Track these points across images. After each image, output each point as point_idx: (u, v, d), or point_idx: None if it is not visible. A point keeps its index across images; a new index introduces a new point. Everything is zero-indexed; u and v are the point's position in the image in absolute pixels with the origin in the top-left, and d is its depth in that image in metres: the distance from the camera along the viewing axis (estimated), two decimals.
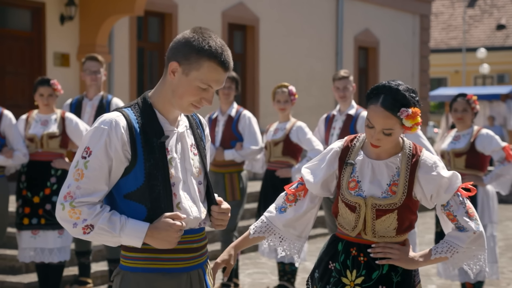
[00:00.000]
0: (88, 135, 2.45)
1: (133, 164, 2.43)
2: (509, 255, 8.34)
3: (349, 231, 2.89)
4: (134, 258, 2.49)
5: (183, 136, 2.55)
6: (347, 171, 2.87)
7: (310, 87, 14.55)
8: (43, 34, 10.24)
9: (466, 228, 2.80)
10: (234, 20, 13.13)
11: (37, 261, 5.83)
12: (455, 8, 34.90)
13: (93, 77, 6.15)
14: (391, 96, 2.74)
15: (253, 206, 9.14)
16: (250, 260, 8.05)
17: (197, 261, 2.56)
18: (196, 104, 2.46)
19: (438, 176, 2.80)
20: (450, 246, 2.82)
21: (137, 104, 2.51)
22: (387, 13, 16.85)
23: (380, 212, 2.81)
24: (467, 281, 5.48)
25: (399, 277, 2.86)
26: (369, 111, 2.78)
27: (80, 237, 2.43)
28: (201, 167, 2.59)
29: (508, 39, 32.59)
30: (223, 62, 2.42)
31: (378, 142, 2.78)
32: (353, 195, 2.84)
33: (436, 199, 2.84)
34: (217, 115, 6.39)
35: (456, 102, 5.53)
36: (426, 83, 18.11)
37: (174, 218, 2.43)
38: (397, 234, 2.85)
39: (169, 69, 2.46)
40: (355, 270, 2.87)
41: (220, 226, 2.61)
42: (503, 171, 5.44)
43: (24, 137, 5.84)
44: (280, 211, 2.98)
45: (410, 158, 2.83)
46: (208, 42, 2.42)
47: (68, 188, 2.41)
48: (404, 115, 2.72)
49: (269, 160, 6.24)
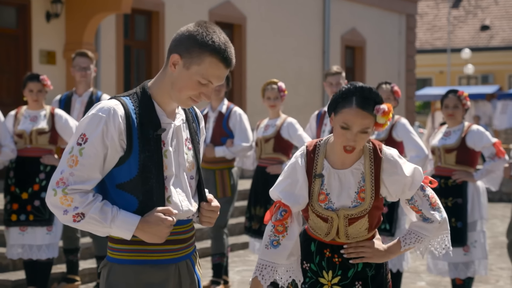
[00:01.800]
0: (84, 121, 2.40)
1: (128, 154, 2.40)
2: (497, 253, 8.38)
3: (322, 235, 2.92)
4: (122, 250, 2.46)
5: (179, 129, 2.53)
6: (317, 183, 2.86)
7: (297, 86, 14.55)
8: (28, 31, 10.15)
9: (431, 219, 2.89)
10: (221, 19, 13.10)
11: (25, 258, 5.77)
12: (439, 9, 35.10)
13: (83, 73, 6.10)
14: (364, 96, 2.75)
15: (242, 204, 9.13)
16: (239, 257, 8.02)
17: (185, 251, 2.55)
18: (195, 98, 2.44)
19: (401, 176, 2.84)
20: (417, 236, 2.91)
21: (135, 93, 2.48)
22: (373, 13, 16.90)
23: (352, 220, 2.85)
24: (457, 276, 5.49)
25: (373, 271, 2.94)
26: (344, 115, 2.75)
27: (70, 224, 2.40)
28: (194, 162, 2.58)
29: (492, 40, 32.83)
30: (225, 59, 2.40)
31: (354, 143, 2.76)
32: (323, 208, 2.85)
33: (401, 196, 2.90)
34: (208, 111, 6.36)
35: (447, 98, 5.53)
36: (412, 83, 18.18)
37: (165, 213, 2.41)
38: (369, 232, 2.92)
39: (170, 61, 2.42)
40: (330, 270, 2.92)
41: (207, 223, 2.59)
42: (493, 167, 5.45)
43: (13, 133, 5.78)
44: (273, 245, 2.88)
45: (372, 160, 2.84)
46: (212, 37, 2.38)
47: (61, 174, 2.38)
48: (380, 112, 2.75)
49: (260, 157, 6.22)
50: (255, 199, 6.22)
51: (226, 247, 6.30)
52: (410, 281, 6.89)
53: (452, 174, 5.47)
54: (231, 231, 8.63)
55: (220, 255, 6.27)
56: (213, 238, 6.29)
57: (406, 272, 7.08)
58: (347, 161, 2.86)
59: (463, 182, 5.47)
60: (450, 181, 5.48)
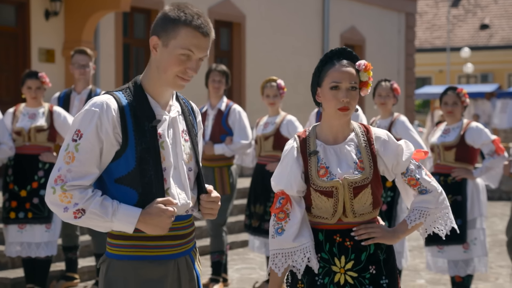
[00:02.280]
0: (78, 117, 2.41)
1: (124, 147, 2.40)
2: (497, 251, 8.38)
3: (328, 219, 2.88)
4: (121, 246, 2.46)
5: (175, 121, 2.53)
6: (313, 160, 2.89)
7: (296, 84, 14.54)
8: (27, 29, 10.14)
9: (429, 189, 2.93)
10: (220, 17, 13.09)
11: (24, 255, 5.76)
12: (439, 8, 35.10)
13: (81, 70, 6.09)
14: (342, 53, 2.91)
15: (241, 202, 9.12)
16: (239, 255, 8.02)
17: (185, 247, 2.54)
18: (182, 75, 2.44)
19: (394, 144, 2.92)
20: (421, 211, 2.93)
21: (128, 88, 2.49)
22: (373, 11, 16.89)
23: (356, 189, 2.85)
24: (457, 274, 5.48)
25: (384, 254, 2.93)
26: (330, 75, 2.87)
27: (71, 221, 2.39)
28: (192, 154, 2.57)
29: (491, 39, 32.82)
30: (199, 26, 2.42)
31: (347, 100, 2.84)
32: (326, 181, 2.86)
33: (396, 168, 2.93)
34: (207, 109, 6.35)
35: (446, 95, 5.53)
36: (411, 81, 18.18)
37: (166, 203, 2.41)
38: (374, 209, 2.92)
39: (151, 45, 2.46)
40: (343, 256, 2.87)
41: (209, 215, 2.57)
42: (493, 164, 5.44)
43: (12, 130, 5.77)
44: (278, 233, 2.89)
45: (364, 135, 2.93)
46: (183, 10, 2.44)
47: (58, 171, 2.38)
48: (362, 67, 2.87)
49: (260, 154, 6.21)
50: (255, 196, 6.22)
51: (225, 245, 6.29)
52: (410, 279, 6.88)
53: (452, 171, 5.46)
54: (231, 229, 8.62)
55: (219, 253, 6.27)
56: (212, 236, 6.28)
57: (405, 270, 7.07)
58: (340, 136, 2.92)
59: (462, 180, 5.46)
60: (450, 179, 5.47)
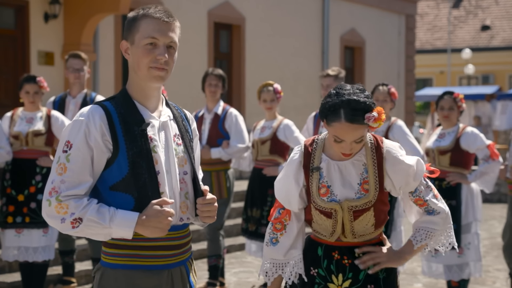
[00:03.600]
0: (67, 129, 2.44)
1: (116, 154, 2.41)
2: (495, 254, 8.38)
3: (327, 237, 2.83)
4: (114, 255, 2.46)
5: (166, 125, 2.53)
6: (315, 177, 2.80)
7: (296, 86, 14.56)
8: (27, 32, 10.17)
9: (436, 210, 2.84)
10: (220, 19, 13.11)
11: (21, 260, 5.77)
12: (440, 9, 35.08)
13: (76, 75, 6.10)
14: (352, 108, 2.65)
15: (239, 206, 9.13)
16: (236, 259, 8.03)
17: (179, 258, 2.53)
18: (154, 64, 2.45)
19: (405, 165, 2.78)
20: (427, 232, 2.84)
21: (115, 97, 2.52)
22: (373, 13, 16.90)
23: (357, 213, 2.76)
24: (452, 279, 5.49)
25: (384, 273, 2.86)
26: (335, 129, 2.68)
27: (70, 232, 2.39)
28: (186, 157, 2.56)
29: (492, 40, 32.80)
30: (156, 13, 2.46)
31: (350, 152, 2.73)
32: (326, 201, 2.77)
33: (405, 188, 2.84)
34: (204, 113, 6.36)
35: (443, 99, 5.53)
36: (411, 83, 18.18)
37: (161, 204, 2.40)
38: (376, 229, 2.84)
39: (123, 52, 2.52)
40: (340, 274, 2.82)
41: (207, 218, 2.54)
42: (487, 169, 5.45)
43: (9, 134, 5.78)
44: (272, 243, 2.91)
45: (374, 152, 2.78)
46: (143, 8, 2.50)
47: (52, 183, 2.39)
48: (371, 120, 2.65)
49: (256, 159, 6.22)
50: (252, 201, 6.23)
51: (222, 248, 6.30)
52: (407, 283, 6.88)
53: (446, 176, 5.47)
54: (228, 232, 8.63)
55: (216, 257, 6.27)
56: (209, 240, 6.29)
57: (402, 274, 7.08)
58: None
59: (457, 184, 5.47)
60: (444, 183, 5.48)
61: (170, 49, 2.48)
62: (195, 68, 12.34)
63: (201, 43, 12.69)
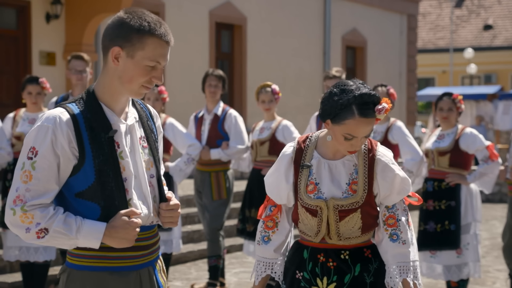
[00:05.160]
0: (32, 134, 2.34)
1: (82, 161, 2.34)
2: (495, 254, 8.38)
3: (312, 237, 2.81)
4: (81, 256, 2.40)
5: (132, 128, 2.46)
6: (304, 174, 2.79)
7: (297, 86, 14.57)
8: (28, 32, 10.19)
9: (401, 238, 2.77)
10: (221, 20, 13.12)
11: (22, 260, 5.80)
12: (442, 9, 35.05)
13: (78, 76, 6.12)
14: (364, 102, 2.66)
15: (239, 206, 9.12)
16: (237, 259, 8.04)
17: (147, 258, 2.49)
18: (147, 85, 2.40)
19: (394, 175, 2.76)
20: (400, 268, 2.76)
21: (81, 98, 2.42)
22: (374, 13, 16.89)
23: (343, 213, 2.74)
24: (450, 279, 5.50)
25: (372, 277, 2.81)
26: (347, 126, 2.66)
27: (34, 242, 2.32)
28: (152, 160, 2.51)
29: (495, 40, 32.77)
30: (165, 35, 2.37)
31: (359, 148, 2.74)
32: (312, 198, 2.75)
33: (386, 199, 2.80)
34: (203, 113, 6.38)
35: (442, 101, 5.54)
36: (413, 83, 18.18)
37: (130, 214, 2.36)
38: (363, 233, 2.80)
39: (112, 56, 2.36)
40: (325, 277, 2.79)
41: (169, 223, 2.51)
42: (486, 170, 5.46)
43: (11, 135, 5.81)
44: (264, 241, 2.90)
45: (366, 154, 2.78)
46: (145, 18, 2.35)
47: (16, 191, 2.30)
48: (382, 112, 2.66)
49: (255, 159, 6.24)
50: (250, 201, 6.24)
51: (222, 249, 6.32)
52: None
53: (446, 177, 5.48)
54: (229, 232, 8.64)
55: (216, 257, 6.29)
56: (209, 240, 6.31)
57: None
58: (339, 153, 2.80)
59: (456, 185, 5.48)
60: (444, 184, 5.49)
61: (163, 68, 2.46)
62: (196, 68, 12.36)
63: (202, 43, 12.70)
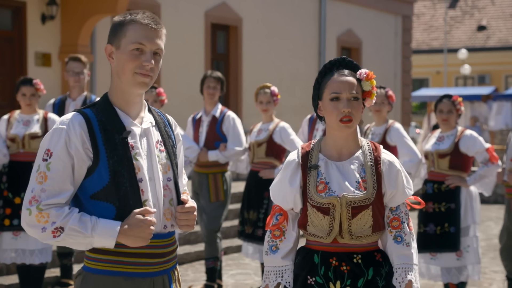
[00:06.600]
0: (47, 137, 2.40)
1: (96, 162, 2.38)
2: (491, 255, 8.39)
3: (323, 238, 2.78)
4: (97, 260, 2.42)
5: (148, 132, 2.50)
6: (312, 175, 2.79)
7: (293, 87, 14.56)
8: (24, 33, 10.16)
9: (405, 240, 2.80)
10: (217, 20, 13.10)
11: (18, 262, 5.77)
12: (436, 9, 35.13)
13: (76, 78, 6.10)
14: (342, 63, 2.82)
15: (237, 207, 9.12)
16: (234, 261, 8.03)
17: (163, 266, 2.49)
18: (139, 70, 2.43)
19: (399, 172, 2.81)
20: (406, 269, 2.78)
21: (96, 103, 2.49)
22: (369, 14, 16.91)
23: (355, 209, 2.73)
24: (450, 281, 5.50)
25: (384, 281, 2.81)
26: (330, 86, 2.77)
27: (50, 241, 2.35)
28: (169, 164, 2.54)
29: (488, 40, 32.86)
30: (144, 19, 2.45)
31: (349, 110, 2.74)
32: (324, 196, 2.75)
33: (391, 200, 2.82)
34: (201, 115, 6.36)
35: (442, 103, 5.54)
36: (408, 84, 18.20)
37: (144, 213, 2.39)
38: (373, 232, 2.79)
39: (107, 56, 2.50)
40: (338, 281, 2.77)
41: (186, 227, 2.53)
42: (486, 172, 5.46)
43: (6, 137, 5.78)
44: (272, 251, 2.89)
45: (372, 153, 2.82)
46: (129, 14, 2.49)
47: (32, 192, 2.35)
48: (363, 76, 2.77)
49: (253, 161, 6.22)
50: (248, 203, 6.23)
51: (219, 251, 6.30)
52: None
53: (445, 179, 5.48)
54: (226, 234, 8.63)
55: (213, 259, 6.28)
56: (207, 242, 6.29)
57: None
58: (344, 152, 2.81)
59: (456, 187, 5.48)
60: (443, 186, 5.49)
61: (156, 56, 2.47)
62: (192, 69, 12.34)
63: (198, 44, 12.68)
